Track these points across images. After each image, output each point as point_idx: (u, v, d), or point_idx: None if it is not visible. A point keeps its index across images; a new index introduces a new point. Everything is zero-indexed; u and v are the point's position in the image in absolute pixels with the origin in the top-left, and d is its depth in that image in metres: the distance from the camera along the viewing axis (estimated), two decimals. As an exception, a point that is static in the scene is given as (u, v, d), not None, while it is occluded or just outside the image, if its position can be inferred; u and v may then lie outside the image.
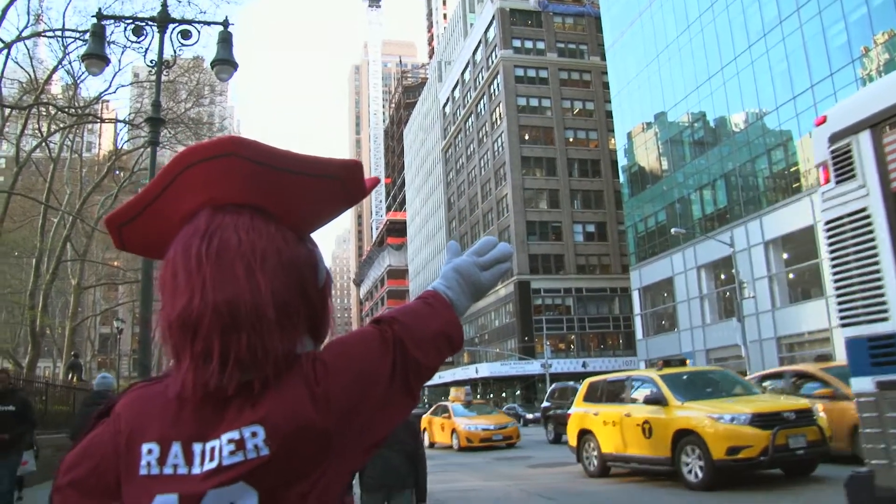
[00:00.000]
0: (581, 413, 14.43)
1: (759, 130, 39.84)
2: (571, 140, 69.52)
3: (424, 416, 27.56)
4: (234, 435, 1.13)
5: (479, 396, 62.06)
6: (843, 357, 27.26)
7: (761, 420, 10.31)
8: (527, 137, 68.47)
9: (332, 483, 1.19)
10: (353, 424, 1.20)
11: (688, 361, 14.77)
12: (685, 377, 12.79)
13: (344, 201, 1.35)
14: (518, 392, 65.59)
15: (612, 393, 13.90)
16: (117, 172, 33.38)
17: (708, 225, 43.96)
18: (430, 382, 74.45)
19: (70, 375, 26.54)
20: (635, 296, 53.59)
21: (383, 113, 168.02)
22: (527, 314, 63.88)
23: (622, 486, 12.04)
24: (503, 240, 70.46)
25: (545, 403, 27.07)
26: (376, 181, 1.42)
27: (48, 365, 41.22)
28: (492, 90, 72.74)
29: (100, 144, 46.25)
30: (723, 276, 43.63)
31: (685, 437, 10.95)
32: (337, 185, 1.31)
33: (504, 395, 68.74)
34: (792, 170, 37.65)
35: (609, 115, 62.96)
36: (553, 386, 27.42)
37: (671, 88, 47.84)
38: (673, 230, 39.19)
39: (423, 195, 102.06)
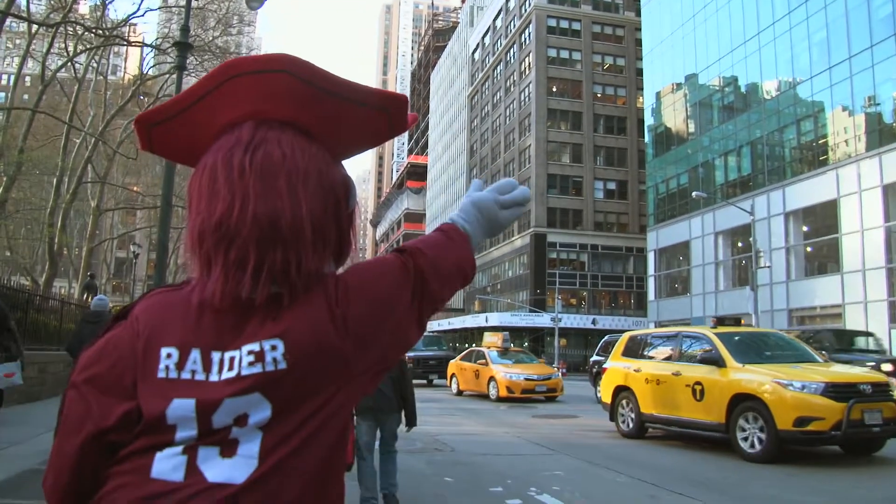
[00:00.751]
0: (619, 368, 13.36)
1: (791, 99, 39.17)
2: (599, 95, 68.61)
3: (452, 362, 25.70)
4: (255, 346, 1.16)
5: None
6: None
7: (835, 391, 9.49)
8: (554, 90, 67.61)
9: (344, 403, 1.23)
10: (369, 349, 1.23)
11: (743, 321, 13.93)
12: (741, 338, 11.72)
13: (385, 133, 1.38)
14: (526, 344, 65.99)
15: (657, 349, 12.80)
16: (141, 97, 33.30)
17: (729, 191, 43.57)
18: (440, 328, 75.01)
19: (85, 295, 26.88)
20: (650, 257, 53.47)
21: (411, 55, 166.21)
22: (541, 267, 63.90)
23: (638, 446, 11.80)
24: (522, 191, 70.40)
25: (595, 357, 23.69)
26: (416, 118, 1.47)
27: (63, 285, 41.83)
28: (523, 39, 71.64)
29: (125, 68, 46.15)
30: (740, 244, 43.42)
31: (744, 403, 10.11)
32: (382, 116, 1.33)
33: (512, 345, 69.23)
34: (820, 142, 37.08)
35: (639, 72, 61.98)
36: (605, 338, 24.48)
37: (704, 50, 46.95)
38: (694, 194, 38.89)
39: (446, 140, 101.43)
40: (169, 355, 1.17)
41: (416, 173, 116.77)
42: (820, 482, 8.35)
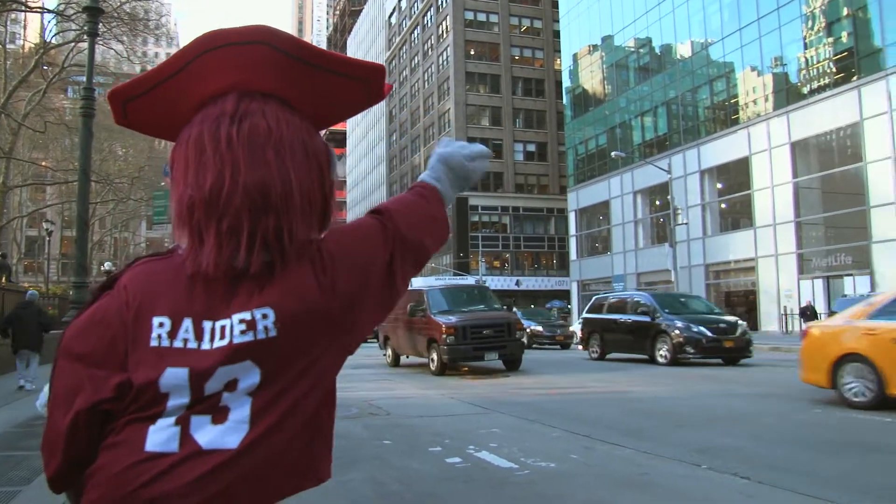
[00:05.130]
0: None
1: (703, 60, 40.08)
2: (517, 58, 68.76)
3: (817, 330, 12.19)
4: (246, 315, 1.18)
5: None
6: (765, 286, 27.45)
7: None
8: (472, 53, 67.46)
9: (330, 365, 1.27)
10: (356, 310, 1.28)
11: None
12: None
13: (363, 102, 1.41)
14: (452, 307, 66.35)
15: None
16: (45, 67, 31.72)
17: (647, 151, 44.48)
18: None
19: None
20: (571, 217, 54.26)
21: (327, 20, 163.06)
22: (463, 230, 64.21)
23: (571, 401, 11.77)
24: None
25: None
26: (391, 87, 1.49)
27: (-27, 265, 40.01)
28: (439, 2, 71.02)
29: (24, 36, 43.80)
30: (658, 202, 44.45)
31: None
32: (360, 86, 1.36)
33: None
34: (732, 101, 38.15)
35: (556, 34, 62.33)
36: None
37: (620, 12, 47.52)
38: (613, 154, 39.60)
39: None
40: (161, 324, 1.18)
41: (335, 140, 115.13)
42: (750, 426, 8.69)
